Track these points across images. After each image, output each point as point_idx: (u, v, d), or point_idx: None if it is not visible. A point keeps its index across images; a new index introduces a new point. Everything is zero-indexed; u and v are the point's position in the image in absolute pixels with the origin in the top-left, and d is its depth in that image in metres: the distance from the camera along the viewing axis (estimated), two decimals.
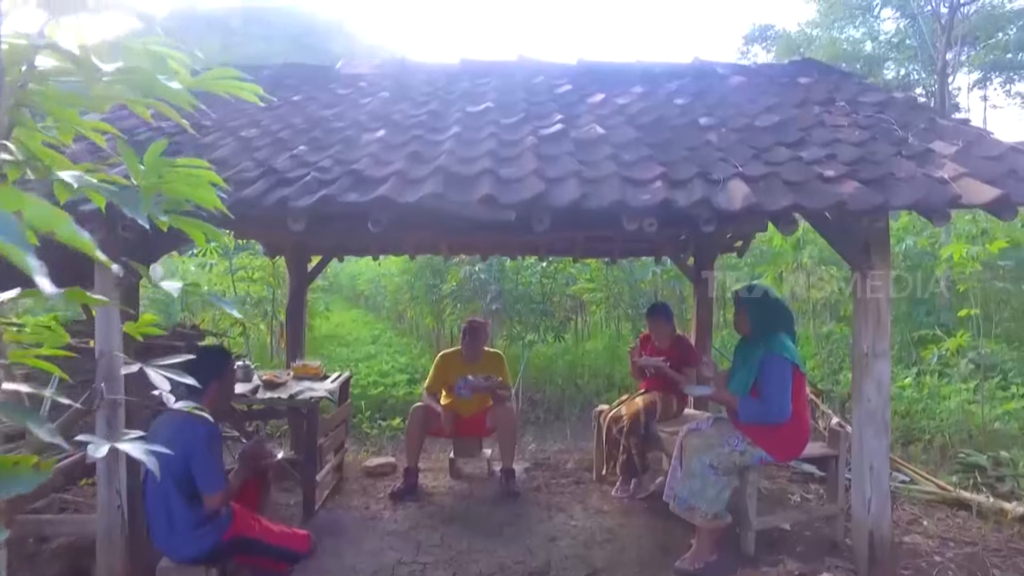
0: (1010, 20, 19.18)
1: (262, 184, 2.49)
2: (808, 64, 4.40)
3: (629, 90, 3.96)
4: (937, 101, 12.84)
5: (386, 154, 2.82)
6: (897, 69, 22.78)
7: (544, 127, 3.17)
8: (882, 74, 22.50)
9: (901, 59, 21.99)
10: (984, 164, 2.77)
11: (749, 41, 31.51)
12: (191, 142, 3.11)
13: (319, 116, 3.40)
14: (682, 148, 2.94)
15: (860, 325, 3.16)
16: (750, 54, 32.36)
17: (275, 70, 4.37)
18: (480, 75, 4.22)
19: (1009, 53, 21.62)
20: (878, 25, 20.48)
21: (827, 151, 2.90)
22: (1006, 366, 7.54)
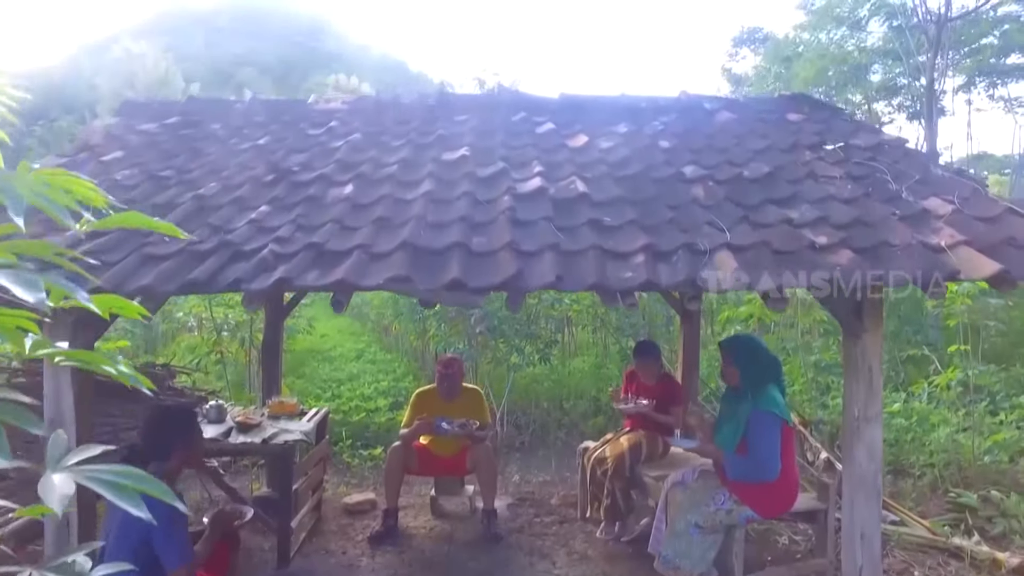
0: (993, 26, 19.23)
1: (215, 261, 2.31)
2: (798, 99, 4.27)
3: (613, 129, 3.81)
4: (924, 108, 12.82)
5: (352, 218, 2.65)
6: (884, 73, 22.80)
7: (522, 180, 3.01)
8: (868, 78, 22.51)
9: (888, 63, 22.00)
10: (981, 229, 2.64)
11: (738, 44, 31.48)
12: (146, 198, 2.92)
13: (285, 166, 3.22)
14: (667, 208, 2.79)
15: (851, 388, 3.04)
16: (738, 56, 32.26)
17: (246, 105, 4.17)
18: (458, 111, 4.05)
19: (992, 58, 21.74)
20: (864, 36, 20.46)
21: (818, 211, 2.76)
22: (994, 388, 7.49)
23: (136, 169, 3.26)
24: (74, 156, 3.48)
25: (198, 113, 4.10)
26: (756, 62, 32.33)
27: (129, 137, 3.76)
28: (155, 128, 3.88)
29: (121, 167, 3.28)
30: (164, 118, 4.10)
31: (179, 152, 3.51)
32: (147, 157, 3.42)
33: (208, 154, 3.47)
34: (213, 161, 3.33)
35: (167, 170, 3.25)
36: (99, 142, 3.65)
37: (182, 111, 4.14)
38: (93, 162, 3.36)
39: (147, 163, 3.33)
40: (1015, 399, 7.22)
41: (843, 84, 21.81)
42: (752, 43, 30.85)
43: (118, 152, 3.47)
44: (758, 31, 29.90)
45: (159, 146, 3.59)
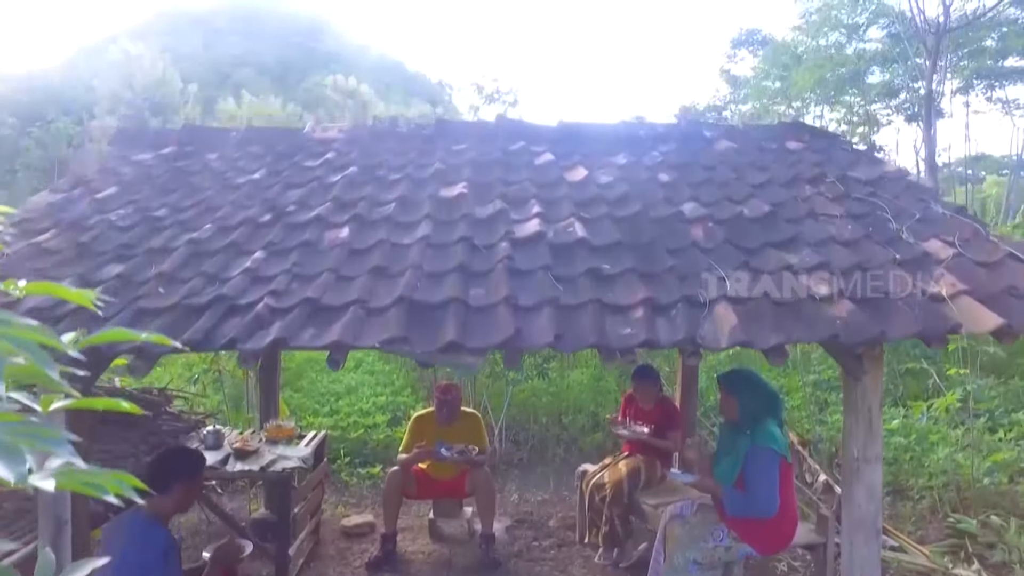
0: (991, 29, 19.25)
1: (209, 317, 2.29)
2: (798, 127, 4.24)
3: (612, 160, 3.78)
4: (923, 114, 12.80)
5: (348, 266, 2.63)
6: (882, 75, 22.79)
7: (521, 221, 2.98)
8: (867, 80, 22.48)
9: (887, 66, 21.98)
10: (982, 277, 2.63)
11: (736, 45, 31.44)
12: (141, 242, 2.90)
13: (281, 204, 3.20)
14: (666, 252, 2.76)
15: (851, 429, 3.02)
16: (737, 57, 32.21)
17: (241, 134, 4.14)
18: (456, 139, 4.02)
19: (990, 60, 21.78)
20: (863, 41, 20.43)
21: (819, 256, 2.74)
22: (993, 403, 7.48)
23: (131, 207, 3.23)
24: (69, 192, 3.45)
25: (193, 142, 4.07)
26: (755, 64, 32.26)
27: (124, 170, 3.73)
28: (150, 159, 3.85)
29: (116, 204, 3.26)
30: (159, 147, 4.07)
31: (174, 187, 3.48)
32: (142, 193, 3.40)
33: (204, 189, 3.45)
34: (208, 198, 3.30)
35: (162, 208, 3.22)
36: (93, 175, 3.63)
37: (177, 140, 4.11)
38: (87, 199, 3.33)
39: (142, 200, 3.30)
40: (1014, 415, 7.21)
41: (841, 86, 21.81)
42: (751, 45, 30.80)
43: (112, 188, 3.44)
44: (756, 33, 29.84)
45: (154, 180, 3.56)
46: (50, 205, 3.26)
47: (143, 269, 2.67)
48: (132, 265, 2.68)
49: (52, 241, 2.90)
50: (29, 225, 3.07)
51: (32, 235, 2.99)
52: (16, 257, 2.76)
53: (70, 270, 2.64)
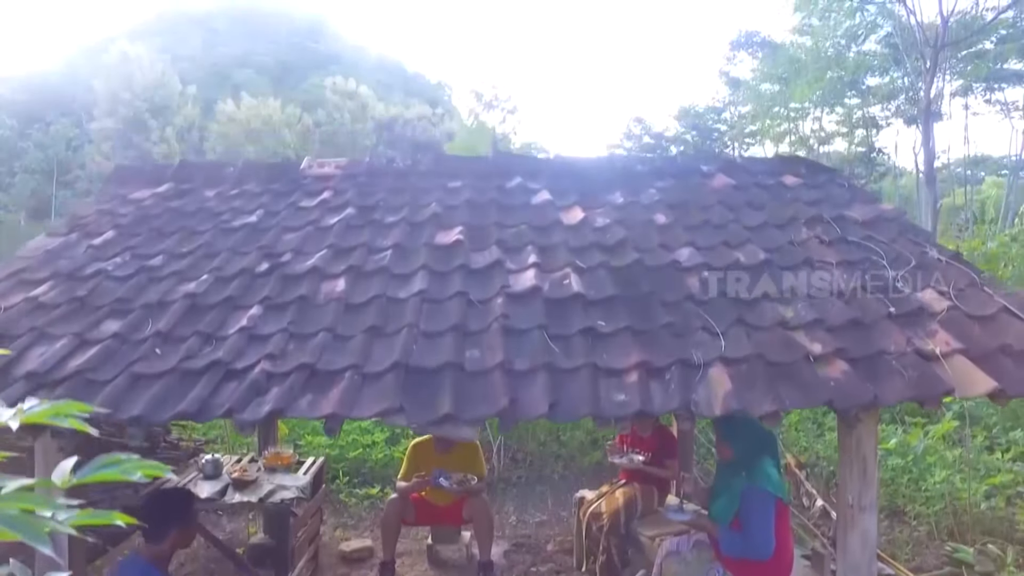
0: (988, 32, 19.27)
1: (206, 383, 2.30)
2: (795, 162, 4.25)
3: (609, 198, 3.79)
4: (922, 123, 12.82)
5: (344, 324, 2.64)
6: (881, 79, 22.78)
7: (516, 272, 2.99)
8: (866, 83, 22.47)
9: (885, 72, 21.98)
10: (977, 333, 2.64)
11: (736, 47, 31.38)
12: (138, 294, 2.90)
13: (278, 251, 3.21)
14: (661, 307, 2.77)
15: (846, 477, 3.03)
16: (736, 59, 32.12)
17: (238, 170, 4.15)
18: (452, 176, 4.03)
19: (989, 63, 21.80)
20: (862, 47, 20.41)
21: (814, 312, 2.75)
22: (990, 420, 7.49)
23: (128, 254, 3.24)
24: (66, 236, 3.46)
25: (190, 178, 4.08)
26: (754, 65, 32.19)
27: (121, 210, 3.74)
28: (147, 198, 3.86)
29: (113, 251, 3.27)
30: (156, 184, 4.08)
31: (171, 230, 3.49)
32: (138, 238, 3.41)
33: (200, 233, 3.45)
34: (205, 243, 3.31)
35: (158, 255, 3.23)
36: (91, 218, 3.64)
37: (174, 176, 4.12)
38: (84, 244, 3.34)
39: (139, 246, 3.31)
40: (1012, 434, 7.22)
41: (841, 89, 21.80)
42: (750, 47, 30.74)
43: (109, 232, 3.45)
44: (755, 35, 29.76)
45: (150, 222, 3.57)
46: (48, 253, 3.27)
47: (140, 326, 2.68)
48: (129, 322, 2.69)
49: (49, 294, 2.91)
50: (27, 275, 3.08)
51: (29, 286, 3.00)
52: (14, 313, 2.77)
53: (67, 328, 2.65)
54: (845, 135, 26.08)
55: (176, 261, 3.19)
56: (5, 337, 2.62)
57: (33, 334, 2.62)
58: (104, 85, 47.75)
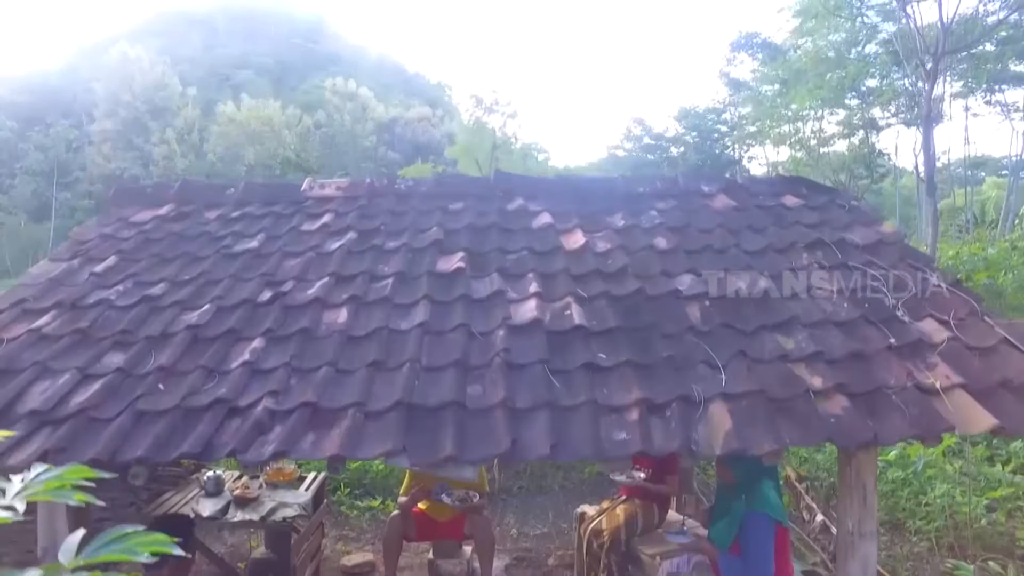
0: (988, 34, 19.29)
1: (209, 422, 2.31)
2: (795, 182, 4.26)
3: (610, 221, 3.80)
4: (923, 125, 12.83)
5: (346, 358, 2.66)
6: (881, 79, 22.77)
7: (517, 302, 3.01)
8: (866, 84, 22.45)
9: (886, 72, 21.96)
10: (977, 366, 2.64)
11: (735, 48, 31.35)
12: (140, 326, 2.91)
13: (280, 278, 3.22)
14: (661, 339, 2.79)
15: (845, 504, 3.04)
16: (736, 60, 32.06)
17: (239, 191, 4.15)
18: (454, 197, 4.04)
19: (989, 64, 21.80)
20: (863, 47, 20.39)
21: (814, 344, 2.76)
22: None
23: (130, 281, 3.25)
24: (69, 262, 3.47)
25: (191, 200, 4.09)
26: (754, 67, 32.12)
27: (122, 234, 3.75)
28: (148, 221, 3.87)
29: (115, 278, 3.28)
30: (158, 205, 4.09)
31: (172, 255, 3.50)
32: (140, 264, 3.42)
33: (202, 259, 3.46)
34: (207, 271, 3.32)
35: (160, 283, 3.24)
36: (93, 242, 3.65)
37: (176, 197, 4.12)
38: (87, 271, 3.35)
39: (140, 273, 3.32)
40: (1012, 445, 7.22)
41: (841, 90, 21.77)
42: (750, 48, 30.72)
43: (111, 258, 3.46)
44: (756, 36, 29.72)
45: (152, 247, 3.58)
46: (50, 280, 3.28)
47: (143, 360, 2.69)
48: (132, 356, 2.70)
49: (52, 325, 2.92)
50: (29, 304, 3.09)
51: (32, 316, 3.01)
52: (16, 346, 2.78)
53: (69, 362, 2.66)
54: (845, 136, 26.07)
55: (178, 289, 3.19)
56: (8, 372, 2.63)
57: (36, 368, 2.63)
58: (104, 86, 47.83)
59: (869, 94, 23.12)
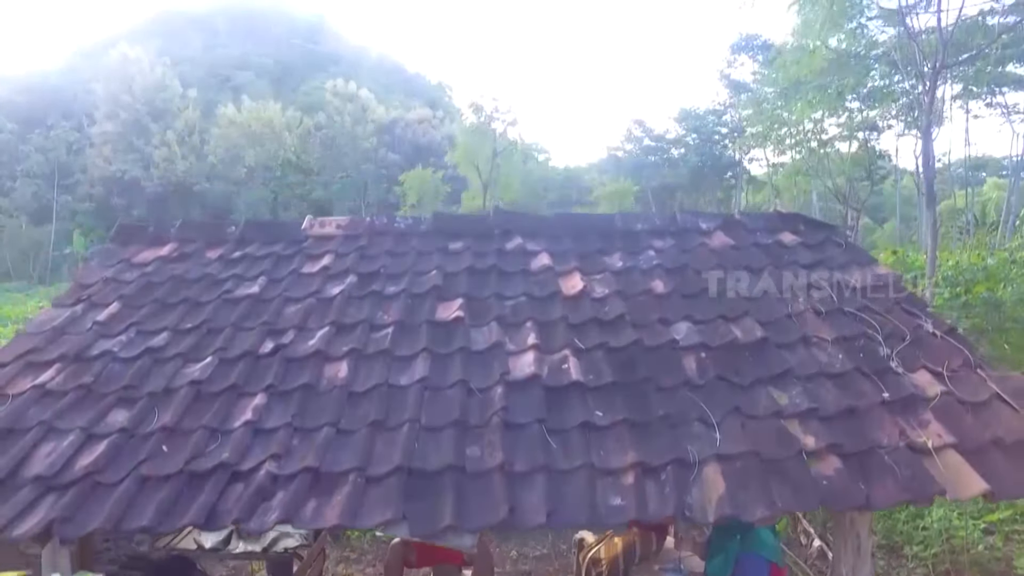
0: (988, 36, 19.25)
1: (212, 490, 2.35)
2: (793, 219, 4.28)
3: (608, 262, 3.84)
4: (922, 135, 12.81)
5: (348, 417, 2.70)
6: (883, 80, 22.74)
7: (516, 354, 3.05)
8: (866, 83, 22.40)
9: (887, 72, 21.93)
10: (969, 423, 2.68)
11: (736, 51, 31.31)
12: (143, 380, 2.95)
13: (281, 328, 3.27)
14: (657, 393, 2.83)
15: (839, 551, 3.08)
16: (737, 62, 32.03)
17: (240, 230, 4.19)
18: (453, 236, 4.08)
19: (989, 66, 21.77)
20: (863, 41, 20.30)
21: (809, 401, 2.79)
22: None
23: (133, 331, 3.29)
24: (72, 308, 3.51)
25: (192, 240, 4.13)
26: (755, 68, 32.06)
27: (125, 276, 3.79)
28: (150, 262, 3.91)
29: (117, 328, 3.32)
30: (159, 244, 4.13)
31: (174, 301, 3.54)
32: (143, 311, 3.46)
33: (203, 305, 3.50)
34: (209, 319, 3.36)
35: (163, 332, 3.28)
36: (96, 287, 3.69)
37: (177, 237, 4.16)
38: (90, 320, 3.39)
39: (143, 321, 3.36)
40: None
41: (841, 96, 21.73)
42: (750, 50, 30.69)
43: (114, 305, 3.50)
44: (756, 38, 29.72)
45: (154, 291, 3.62)
46: (54, 329, 3.32)
47: (146, 418, 2.73)
48: (135, 414, 2.74)
49: (56, 379, 2.96)
50: (34, 356, 3.13)
51: (37, 369, 3.05)
52: (21, 403, 2.82)
53: (74, 421, 2.70)
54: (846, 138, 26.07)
55: (180, 339, 3.23)
56: (14, 431, 2.67)
57: (41, 428, 2.67)
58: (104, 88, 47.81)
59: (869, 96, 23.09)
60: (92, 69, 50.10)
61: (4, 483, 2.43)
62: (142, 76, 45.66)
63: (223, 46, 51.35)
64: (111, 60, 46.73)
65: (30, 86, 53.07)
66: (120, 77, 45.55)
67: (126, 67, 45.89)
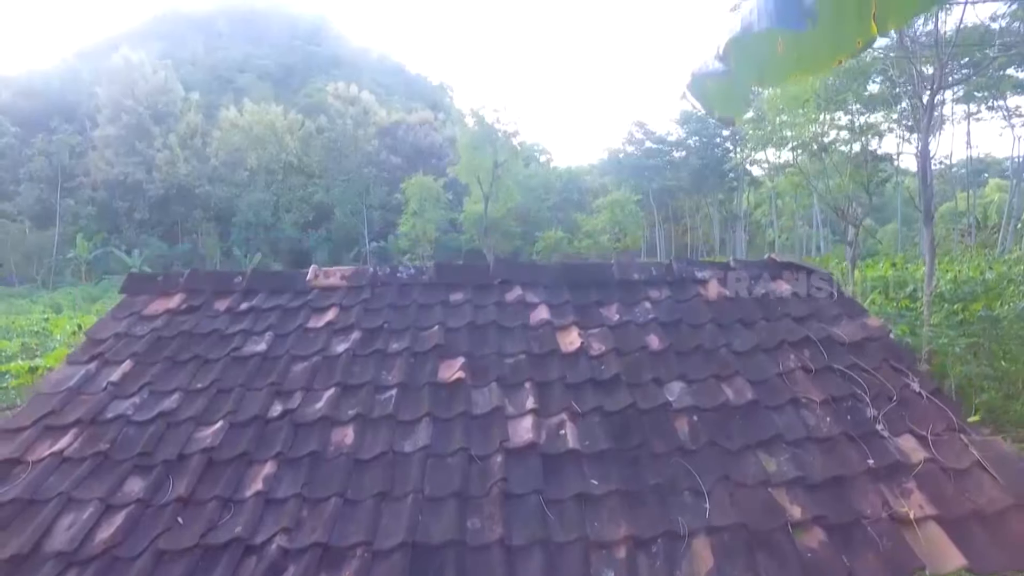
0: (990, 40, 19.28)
1: (227, 564, 2.47)
2: (787, 267, 4.39)
3: (605, 315, 3.96)
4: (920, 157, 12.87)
5: (355, 487, 2.83)
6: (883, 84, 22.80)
7: (515, 418, 3.17)
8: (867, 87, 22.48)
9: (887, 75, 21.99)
10: (950, 493, 2.79)
11: None
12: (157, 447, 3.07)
13: (288, 390, 3.39)
14: (650, 460, 2.95)
15: None
16: None
17: (246, 280, 4.31)
18: (454, 287, 4.20)
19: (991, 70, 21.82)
20: None
21: (796, 469, 2.91)
22: None
23: (146, 391, 3.42)
24: (86, 366, 3.63)
25: (200, 291, 4.25)
26: None
27: (136, 331, 3.91)
28: (160, 316, 4.03)
29: (130, 388, 3.44)
30: (168, 294, 4.25)
31: (184, 358, 3.67)
32: (155, 369, 3.58)
33: (213, 363, 3.62)
34: (219, 379, 3.48)
35: (175, 393, 3.40)
36: (108, 343, 3.81)
37: (186, 287, 4.28)
38: (104, 379, 3.51)
39: (154, 381, 3.49)
40: None
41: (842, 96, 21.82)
42: None
43: (127, 363, 3.62)
44: None
45: (164, 348, 3.74)
46: (69, 391, 3.44)
47: (162, 487, 2.85)
48: (151, 483, 2.86)
49: (74, 445, 3.08)
50: (52, 420, 3.25)
51: (54, 434, 3.18)
52: (40, 472, 2.94)
53: (93, 491, 2.83)
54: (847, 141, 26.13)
55: (192, 401, 3.36)
56: (34, 502, 2.79)
57: (61, 499, 2.79)
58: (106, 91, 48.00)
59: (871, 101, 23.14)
60: (94, 72, 50.20)
61: (28, 558, 2.55)
62: (144, 80, 45.81)
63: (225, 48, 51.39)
64: (113, 63, 46.86)
65: (32, 89, 53.18)
66: (122, 80, 45.71)
67: (128, 70, 46.03)
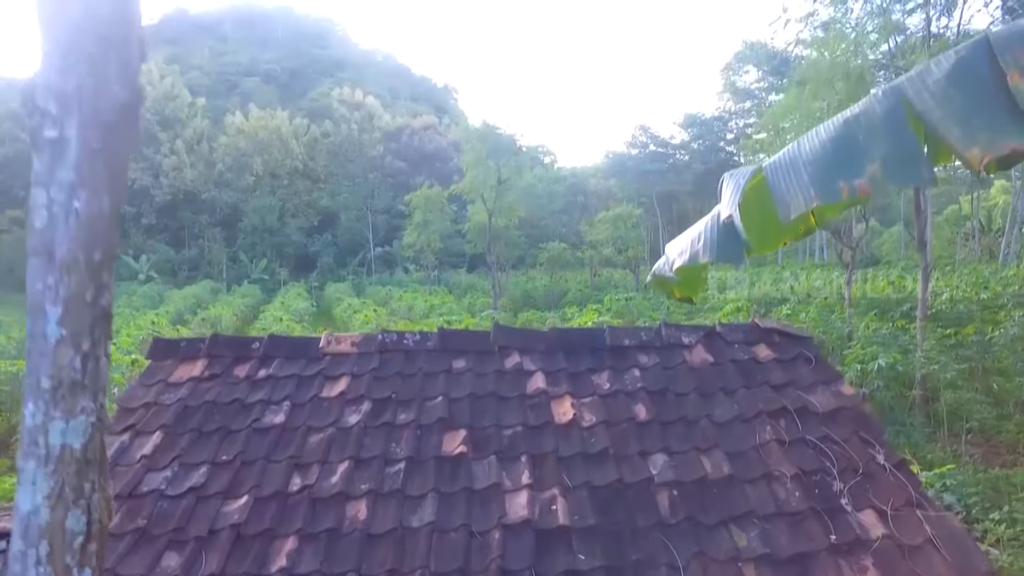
0: None
1: None
2: (769, 332, 4.69)
3: (597, 383, 4.28)
4: None
5: (369, 563, 3.16)
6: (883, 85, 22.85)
7: (511, 492, 3.49)
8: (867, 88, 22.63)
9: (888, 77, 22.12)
10: (903, 571, 3.10)
11: (740, 59, 31.64)
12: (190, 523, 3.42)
13: (307, 460, 3.73)
14: (632, 535, 3.27)
15: None
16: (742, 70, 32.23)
17: (264, 344, 4.65)
18: (457, 353, 4.53)
19: None
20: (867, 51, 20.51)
21: (764, 543, 3.22)
22: (970, 500, 7.93)
23: (176, 465, 3.76)
24: (120, 437, 3.98)
25: (222, 357, 4.59)
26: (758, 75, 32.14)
27: (164, 399, 4.25)
28: (184, 383, 4.37)
29: (163, 461, 3.78)
30: (192, 359, 4.59)
31: (210, 429, 4.01)
32: (183, 440, 3.92)
33: (236, 434, 3.96)
34: (242, 453, 3.81)
35: (203, 466, 3.74)
36: (139, 413, 4.16)
37: (207, 352, 4.62)
38: (137, 451, 3.85)
39: (184, 454, 3.83)
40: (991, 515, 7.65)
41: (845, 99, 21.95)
42: (755, 59, 30.97)
43: (157, 435, 3.96)
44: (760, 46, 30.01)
45: (190, 419, 4.08)
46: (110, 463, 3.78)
47: (195, 562, 3.19)
48: (186, 559, 3.20)
49: (115, 519, 3.43)
50: None
51: None
52: None
53: (135, 568, 3.17)
54: None
55: (218, 474, 3.69)
56: None
57: None
58: None
59: None
60: None
61: None
62: (152, 86, 46.21)
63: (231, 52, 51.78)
64: None
65: None
66: None
67: None
